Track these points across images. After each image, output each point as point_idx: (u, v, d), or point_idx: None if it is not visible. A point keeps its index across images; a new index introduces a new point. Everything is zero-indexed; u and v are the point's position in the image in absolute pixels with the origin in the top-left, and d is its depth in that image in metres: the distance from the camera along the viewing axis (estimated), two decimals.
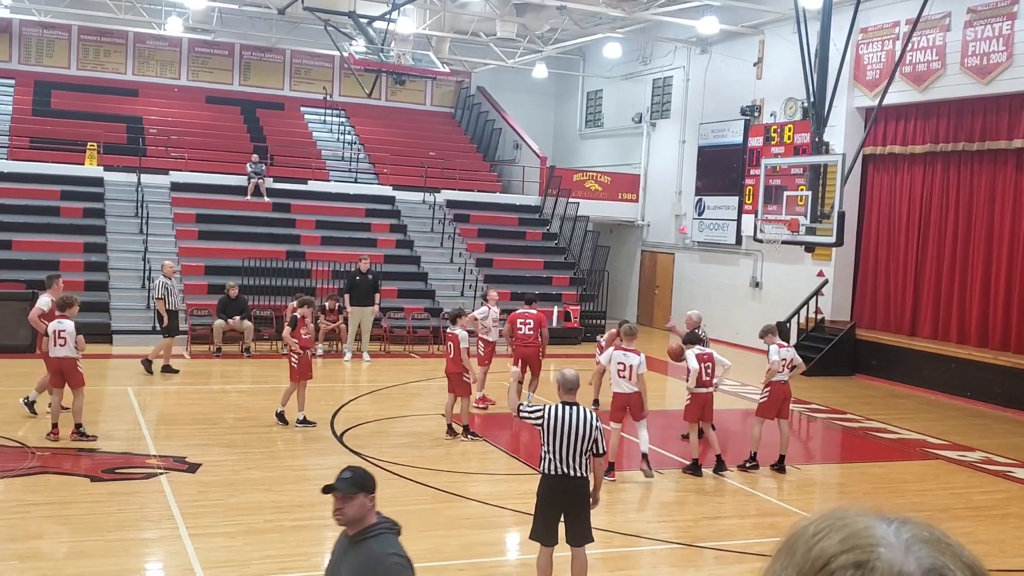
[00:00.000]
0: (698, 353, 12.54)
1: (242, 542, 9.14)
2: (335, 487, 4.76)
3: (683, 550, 9.83)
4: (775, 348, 12.94)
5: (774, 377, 12.82)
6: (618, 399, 12.14)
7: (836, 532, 1.25)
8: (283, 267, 23.40)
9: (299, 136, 31.21)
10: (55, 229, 23.19)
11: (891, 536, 1.23)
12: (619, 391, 12.10)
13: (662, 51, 29.15)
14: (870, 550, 1.21)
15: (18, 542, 8.94)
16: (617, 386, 12.10)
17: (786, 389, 13.00)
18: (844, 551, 1.22)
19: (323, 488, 4.82)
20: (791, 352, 13.15)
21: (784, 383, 12.93)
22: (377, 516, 4.85)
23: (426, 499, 10.89)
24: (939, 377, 19.71)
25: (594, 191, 29.71)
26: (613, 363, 12.13)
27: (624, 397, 12.07)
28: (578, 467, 7.73)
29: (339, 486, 4.77)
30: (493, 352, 16.13)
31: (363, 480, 4.84)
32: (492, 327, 16.22)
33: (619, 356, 12.13)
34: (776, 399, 12.83)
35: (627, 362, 12.02)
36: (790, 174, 18.74)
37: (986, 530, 10.73)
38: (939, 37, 19.89)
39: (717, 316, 26.22)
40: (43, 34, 30.29)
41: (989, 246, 19.72)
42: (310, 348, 14.55)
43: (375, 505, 4.83)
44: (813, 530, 1.28)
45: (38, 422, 13.46)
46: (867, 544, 1.22)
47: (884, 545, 1.22)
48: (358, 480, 4.81)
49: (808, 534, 1.27)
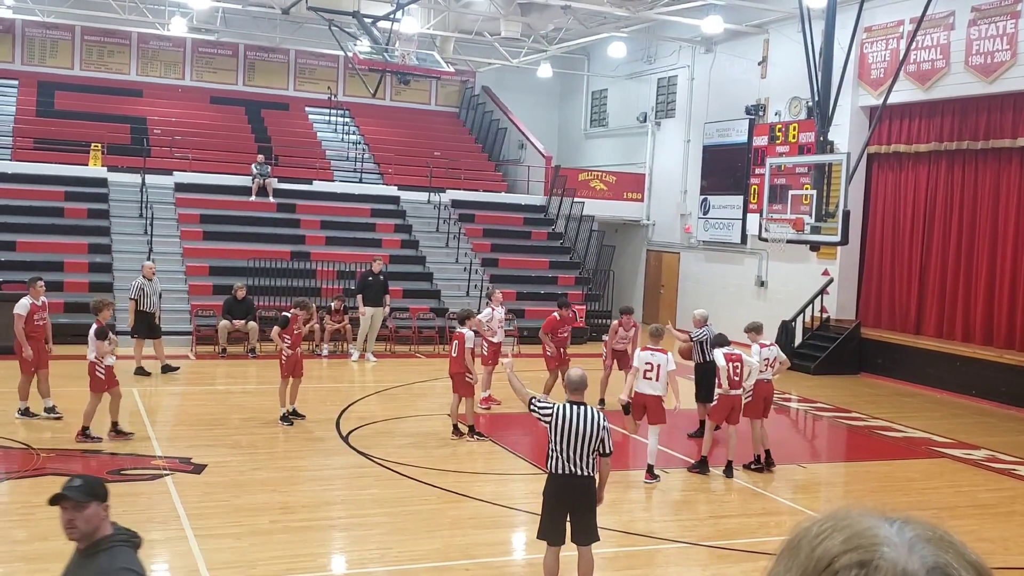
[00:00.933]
0: (726, 353, 12.51)
1: (248, 543, 9.15)
2: (63, 496, 4.27)
3: (689, 549, 9.83)
4: (756, 348, 12.89)
5: (759, 376, 12.77)
6: (638, 399, 12.11)
7: (839, 532, 1.26)
8: (288, 267, 23.43)
9: (304, 136, 31.23)
10: (59, 230, 23.22)
11: (894, 536, 1.24)
12: (641, 391, 12.06)
13: (667, 50, 29.13)
14: (873, 549, 1.22)
15: (24, 544, 8.95)
16: (641, 387, 12.06)
17: (768, 388, 12.91)
18: (847, 551, 1.23)
19: (49, 499, 4.33)
20: (774, 351, 13.09)
21: (767, 382, 12.85)
22: (113, 527, 4.40)
23: (432, 499, 10.89)
24: (944, 375, 19.69)
25: (599, 191, 29.71)
26: (641, 363, 12.07)
27: (644, 398, 12.03)
28: (585, 466, 7.73)
29: (69, 494, 4.28)
30: (498, 353, 16.13)
31: (95, 487, 4.38)
32: (498, 329, 16.18)
33: (646, 356, 12.05)
34: (759, 397, 12.78)
35: (654, 362, 11.97)
36: (795, 173, 18.75)
37: (991, 528, 10.72)
38: (943, 36, 19.86)
39: (722, 315, 26.14)
40: (46, 35, 30.33)
41: (994, 244, 19.70)
42: (298, 347, 14.61)
43: (108, 515, 4.38)
44: (816, 530, 1.28)
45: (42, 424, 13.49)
46: (870, 544, 1.23)
47: (887, 544, 1.22)
48: (89, 487, 4.35)
49: (811, 534, 1.28)
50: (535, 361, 16.93)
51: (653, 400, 12.02)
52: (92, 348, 12.66)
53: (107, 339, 12.69)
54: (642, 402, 12.06)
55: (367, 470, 12.03)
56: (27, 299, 13.87)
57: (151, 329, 18.16)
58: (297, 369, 14.32)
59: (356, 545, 9.49)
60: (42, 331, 14.01)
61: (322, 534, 9.73)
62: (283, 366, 14.32)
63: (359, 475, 11.86)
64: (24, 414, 13.75)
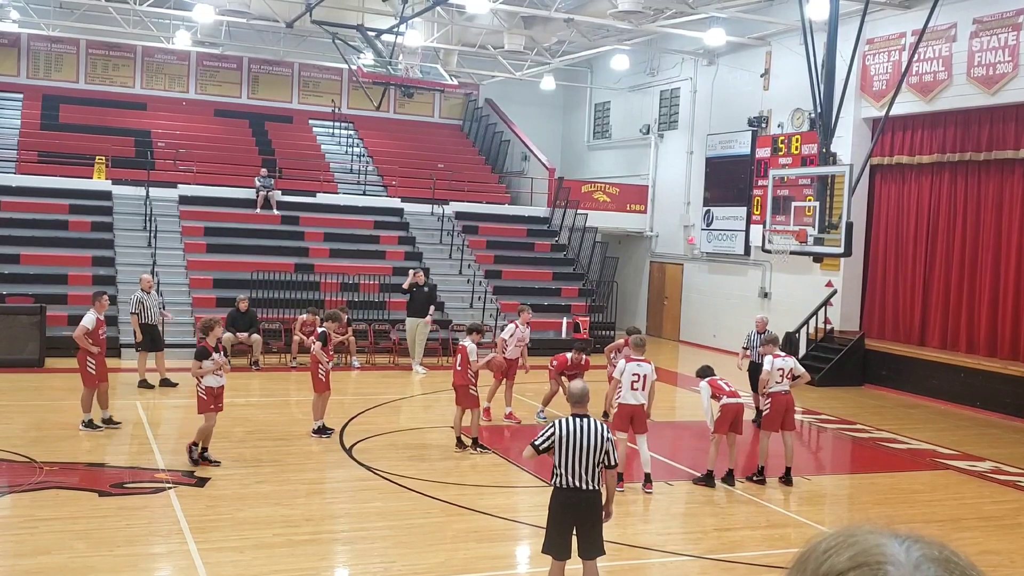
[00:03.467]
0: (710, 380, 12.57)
1: (251, 556, 9.13)
2: None
3: (693, 562, 9.80)
4: (769, 359, 12.90)
5: (773, 388, 12.76)
6: (624, 410, 12.08)
7: (847, 549, 1.26)
8: (292, 280, 23.44)
9: (308, 149, 31.28)
10: (64, 243, 23.27)
11: (901, 555, 1.24)
12: (626, 402, 12.05)
13: (669, 63, 29.18)
14: (878, 567, 1.22)
15: (26, 557, 8.93)
16: (626, 397, 12.06)
17: (787, 400, 12.88)
18: (852, 567, 1.23)
19: None
20: (790, 362, 13.09)
21: (785, 394, 12.83)
22: None
23: (435, 512, 10.86)
24: (949, 387, 19.66)
25: (602, 202, 29.73)
26: (627, 374, 12.08)
27: (630, 408, 12.03)
28: (590, 480, 7.70)
29: None
30: (514, 368, 16.05)
31: None
32: (515, 346, 16.13)
33: (633, 367, 12.09)
34: (778, 410, 12.76)
35: (641, 372, 12.04)
36: (798, 185, 18.77)
37: (997, 540, 10.68)
38: (945, 48, 19.88)
39: (726, 327, 26.21)
40: (51, 48, 30.44)
41: (997, 255, 19.68)
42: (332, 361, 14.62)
43: None
44: (824, 547, 1.29)
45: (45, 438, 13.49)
46: (876, 561, 1.23)
47: (893, 563, 1.22)
48: None
49: (820, 550, 1.29)
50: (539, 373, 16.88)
51: (639, 410, 12.08)
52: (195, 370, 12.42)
53: (209, 359, 12.37)
54: (629, 413, 12.04)
55: (370, 483, 12.01)
56: (92, 313, 14.04)
57: (154, 341, 18.21)
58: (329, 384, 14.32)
59: (359, 559, 9.47)
60: (105, 344, 14.27)
61: (325, 547, 9.72)
62: (320, 383, 14.02)
63: (362, 488, 11.84)
64: (88, 426, 13.83)
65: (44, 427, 14.06)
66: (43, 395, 16.90)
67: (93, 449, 13.08)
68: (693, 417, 14.41)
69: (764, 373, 12.93)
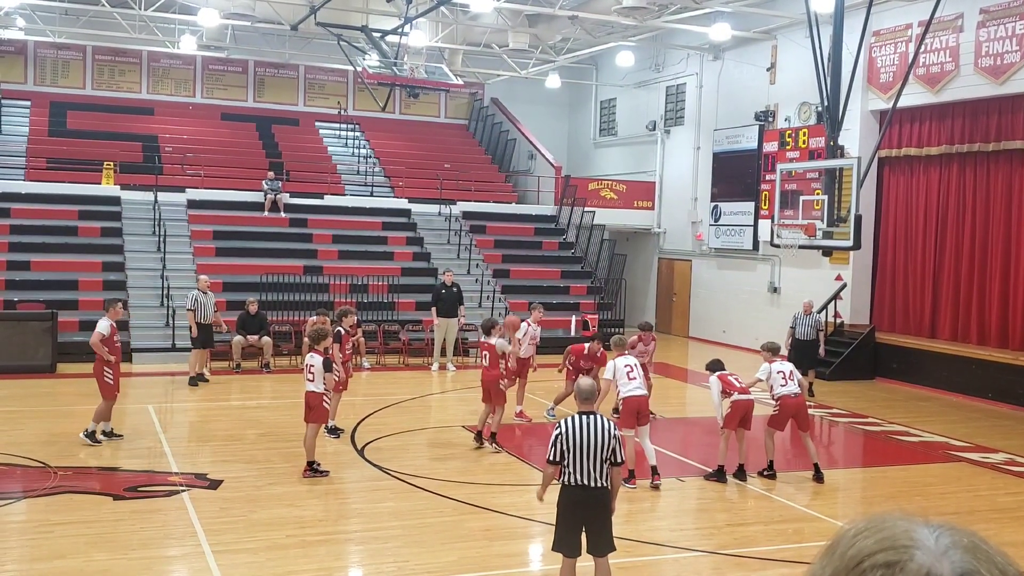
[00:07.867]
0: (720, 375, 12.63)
1: (265, 558, 9.15)
2: None
3: (706, 557, 9.79)
4: (765, 366, 12.91)
5: (780, 391, 12.71)
6: (630, 404, 12.08)
7: (876, 533, 1.29)
8: (301, 282, 23.48)
9: (314, 151, 31.34)
10: (73, 249, 23.33)
11: (931, 541, 1.26)
12: (631, 395, 12.08)
13: (675, 58, 29.16)
14: (904, 551, 1.24)
15: (42, 561, 8.98)
16: (629, 390, 12.10)
17: (797, 402, 12.73)
18: (880, 550, 1.25)
19: None
20: (788, 366, 13.12)
21: (795, 396, 12.72)
22: None
23: (448, 511, 10.87)
24: (960, 379, 19.61)
25: (610, 199, 29.72)
26: (620, 371, 12.18)
27: (635, 401, 12.04)
28: (598, 477, 7.69)
29: None
30: (527, 367, 16.05)
31: None
32: (529, 344, 16.13)
33: (621, 361, 12.35)
34: (787, 412, 12.72)
35: (631, 362, 12.34)
36: (806, 178, 18.75)
37: (1011, 532, 10.65)
38: (952, 38, 19.83)
39: (735, 322, 26.21)
40: (58, 55, 30.54)
41: (1007, 246, 19.62)
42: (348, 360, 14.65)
43: None
44: (855, 531, 1.31)
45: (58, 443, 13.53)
46: (903, 546, 1.25)
47: (920, 548, 1.24)
48: None
49: (850, 535, 1.31)
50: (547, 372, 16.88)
51: (644, 401, 12.21)
52: (319, 380, 12.22)
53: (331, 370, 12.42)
54: (635, 406, 12.03)
55: (383, 483, 12.03)
56: (107, 320, 13.60)
57: (207, 340, 18.90)
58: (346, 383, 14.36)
59: (372, 558, 9.49)
60: (119, 352, 13.95)
61: (338, 548, 9.74)
62: (337, 383, 13.83)
63: (375, 488, 11.86)
64: (89, 437, 13.43)
65: (57, 432, 14.09)
66: (55, 401, 16.95)
67: (107, 454, 13.11)
68: (703, 413, 14.39)
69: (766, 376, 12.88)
